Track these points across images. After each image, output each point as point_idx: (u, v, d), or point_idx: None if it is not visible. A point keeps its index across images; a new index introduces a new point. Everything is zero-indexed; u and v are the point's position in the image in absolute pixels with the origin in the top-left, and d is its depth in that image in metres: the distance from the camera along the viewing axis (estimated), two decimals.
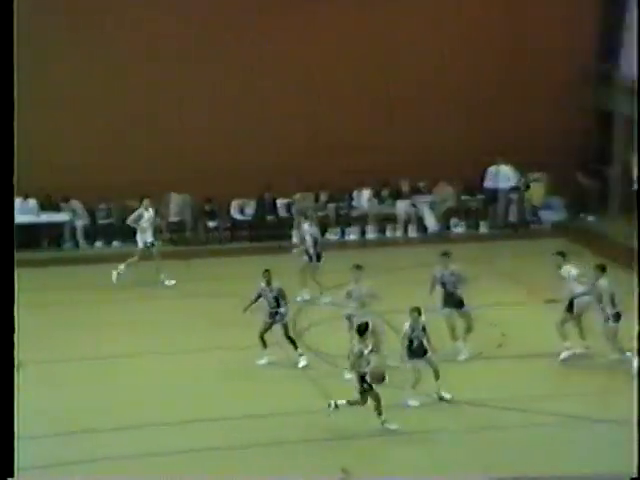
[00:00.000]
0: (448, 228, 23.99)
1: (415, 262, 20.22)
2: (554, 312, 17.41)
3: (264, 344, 15.87)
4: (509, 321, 17.57)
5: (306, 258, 18.97)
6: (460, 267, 16.33)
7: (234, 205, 23.88)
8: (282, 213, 24.04)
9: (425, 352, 14.34)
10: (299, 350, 15.88)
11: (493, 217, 24.18)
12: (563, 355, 15.74)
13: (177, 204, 23.67)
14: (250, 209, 23.95)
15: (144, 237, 20.36)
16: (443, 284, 16.07)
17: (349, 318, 15.44)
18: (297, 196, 23.89)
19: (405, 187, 24.05)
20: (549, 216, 24.27)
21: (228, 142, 23.50)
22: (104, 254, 22.46)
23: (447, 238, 23.25)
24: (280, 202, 24.07)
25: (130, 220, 20.47)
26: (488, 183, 24.17)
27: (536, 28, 24.15)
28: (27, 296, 13.24)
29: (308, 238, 19.08)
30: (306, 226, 19.35)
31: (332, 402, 13.59)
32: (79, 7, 22.99)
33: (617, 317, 15.27)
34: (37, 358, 15.46)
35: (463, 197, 24.29)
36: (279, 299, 15.84)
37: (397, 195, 24.06)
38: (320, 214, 23.69)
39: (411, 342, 14.31)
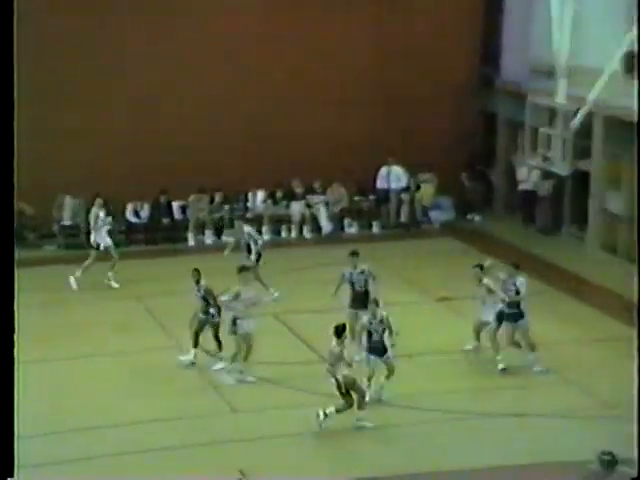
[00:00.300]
0: (342, 229, 24.35)
1: (310, 263, 20.51)
2: (446, 310, 17.97)
3: (195, 343, 15.92)
4: (401, 320, 17.93)
5: (250, 258, 18.92)
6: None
7: (129, 208, 23.81)
8: (177, 215, 24.06)
9: (385, 350, 14.43)
10: (220, 354, 15.91)
11: (385, 217, 24.65)
12: (501, 365, 15.72)
13: (71, 208, 23.45)
14: (145, 212, 23.91)
15: (99, 238, 20.19)
16: (352, 283, 16.23)
17: (234, 321, 15.41)
18: (191, 198, 23.96)
19: (299, 188, 24.32)
20: (438, 216, 24.79)
21: (122, 144, 23.39)
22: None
23: (341, 239, 23.62)
24: (175, 204, 24.11)
25: (91, 222, 20.17)
26: (380, 184, 24.65)
27: (425, 29, 24.56)
28: None
29: (252, 242, 19.15)
30: (247, 227, 19.48)
31: (321, 412, 13.61)
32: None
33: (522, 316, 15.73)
34: None
35: (356, 198, 24.68)
36: (208, 299, 15.88)
37: (291, 196, 24.32)
38: (215, 216, 23.85)
39: (370, 335, 14.47)
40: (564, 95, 21.63)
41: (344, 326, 13.93)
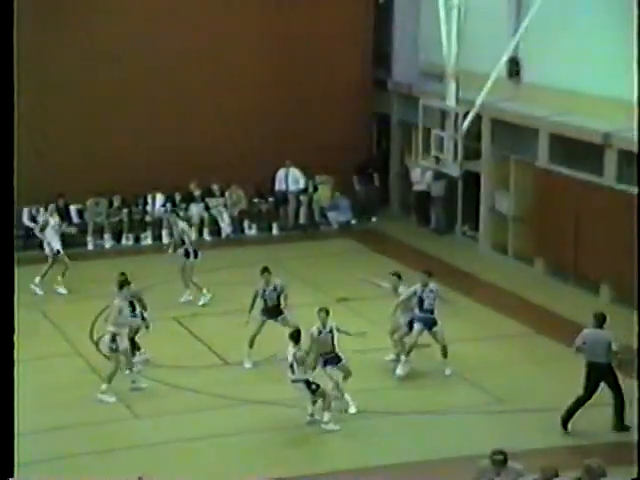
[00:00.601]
0: (242, 231, 24.58)
1: (211, 266, 20.70)
2: (346, 311, 18.39)
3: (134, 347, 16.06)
4: (302, 322, 18.21)
5: (184, 257, 19.13)
6: (251, 270, 16.84)
7: (25, 213, 23.61)
8: (75, 219, 23.94)
9: (339, 358, 14.70)
10: (135, 358, 16.00)
11: (284, 219, 25.00)
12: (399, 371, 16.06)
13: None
14: (41, 216, 23.64)
15: (51, 244, 20.13)
16: (264, 300, 16.33)
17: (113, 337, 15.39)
18: (89, 202, 23.90)
19: (197, 191, 24.43)
20: (337, 217, 25.15)
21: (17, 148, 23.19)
22: None
23: (241, 241, 23.89)
24: (73, 208, 23.99)
25: (37, 228, 20.04)
26: (278, 186, 24.98)
27: (319, 32, 24.84)
28: None
29: (186, 238, 19.30)
30: (184, 226, 19.58)
31: (308, 417, 14.16)
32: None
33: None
34: None
35: (254, 200, 24.93)
36: (134, 303, 15.92)
37: (190, 199, 24.42)
38: (113, 220, 23.85)
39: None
40: (454, 98, 22.29)
41: (299, 331, 14.25)
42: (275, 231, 24.74)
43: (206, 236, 24.13)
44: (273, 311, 16.41)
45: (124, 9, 23.72)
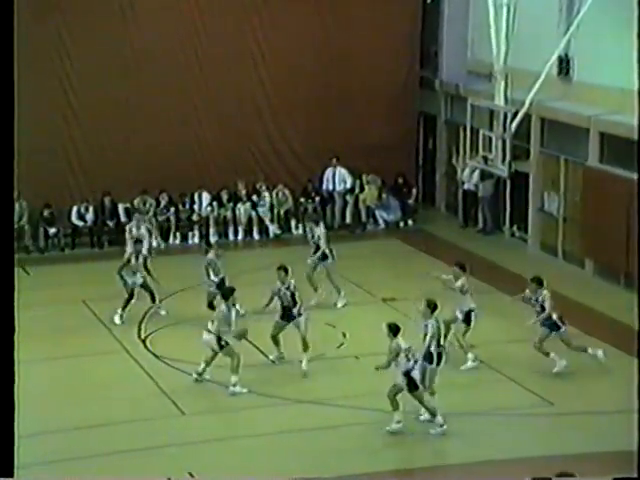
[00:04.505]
0: (289, 230, 24.58)
1: (256, 265, 20.70)
2: (392, 311, 18.27)
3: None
4: (348, 321, 18.29)
5: (321, 260, 19.08)
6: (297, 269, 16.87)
7: (74, 211, 23.79)
8: (123, 218, 24.02)
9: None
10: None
11: (330, 219, 24.94)
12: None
13: (14, 211, 23.37)
14: (90, 215, 23.89)
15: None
16: (280, 298, 16.34)
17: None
18: (137, 200, 24.00)
19: (243, 190, 24.45)
20: (385, 217, 25.02)
21: (65, 146, 23.41)
22: None
23: (288, 240, 23.87)
24: (121, 207, 24.11)
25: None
26: (325, 185, 24.94)
27: (365, 33, 24.79)
28: None
29: (322, 242, 19.25)
30: (321, 231, 19.47)
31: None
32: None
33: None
34: None
35: (301, 199, 24.91)
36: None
37: (236, 198, 24.46)
38: (161, 218, 23.94)
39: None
40: (503, 97, 22.09)
41: (396, 325, 14.05)
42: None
43: (255, 235, 24.14)
44: (287, 312, 16.30)
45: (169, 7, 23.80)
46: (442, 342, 14.41)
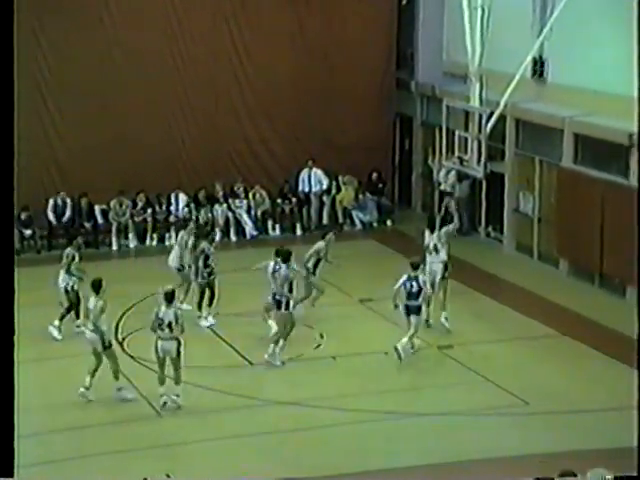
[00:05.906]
0: (266, 232, 24.66)
1: (233, 266, 20.72)
2: (369, 311, 18.37)
3: None
4: (326, 322, 18.36)
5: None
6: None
7: (50, 203, 23.38)
8: (100, 219, 23.93)
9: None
10: None
11: (307, 220, 25.00)
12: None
13: None
14: (68, 210, 23.63)
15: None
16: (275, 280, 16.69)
17: None
18: (113, 202, 23.94)
19: (220, 191, 24.47)
20: (362, 217, 25.10)
21: (41, 147, 23.36)
22: None
23: (264, 241, 23.92)
24: (97, 208, 24.04)
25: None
26: (301, 186, 25.01)
27: (342, 34, 24.87)
28: None
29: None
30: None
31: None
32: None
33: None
34: None
35: (278, 201, 24.94)
36: None
37: (213, 199, 24.47)
38: (138, 219, 23.91)
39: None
40: (478, 99, 22.21)
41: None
42: (299, 232, 24.76)
43: (232, 236, 24.19)
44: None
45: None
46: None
